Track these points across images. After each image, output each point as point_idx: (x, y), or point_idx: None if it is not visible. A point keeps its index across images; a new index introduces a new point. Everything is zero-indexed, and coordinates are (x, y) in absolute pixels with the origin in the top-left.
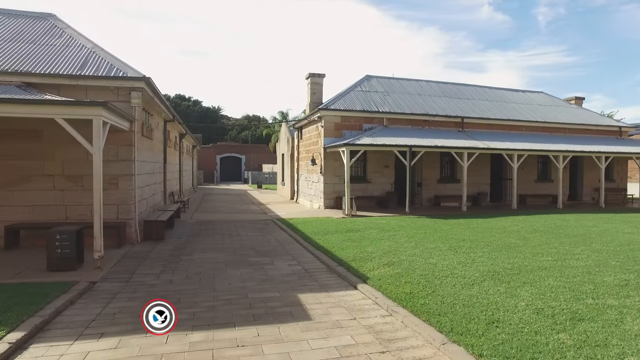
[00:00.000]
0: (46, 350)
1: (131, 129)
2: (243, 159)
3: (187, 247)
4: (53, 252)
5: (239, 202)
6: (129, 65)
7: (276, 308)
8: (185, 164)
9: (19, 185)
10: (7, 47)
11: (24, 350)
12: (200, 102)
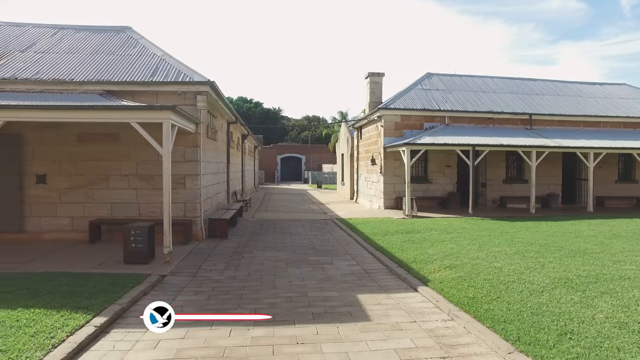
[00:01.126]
0: (124, 335)
1: (197, 131)
2: (303, 159)
3: (249, 244)
4: (128, 247)
5: (299, 202)
6: (195, 71)
7: (335, 307)
8: (247, 164)
9: (100, 184)
10: (91, 59)
11: (107, 333)
12: (261, 103)
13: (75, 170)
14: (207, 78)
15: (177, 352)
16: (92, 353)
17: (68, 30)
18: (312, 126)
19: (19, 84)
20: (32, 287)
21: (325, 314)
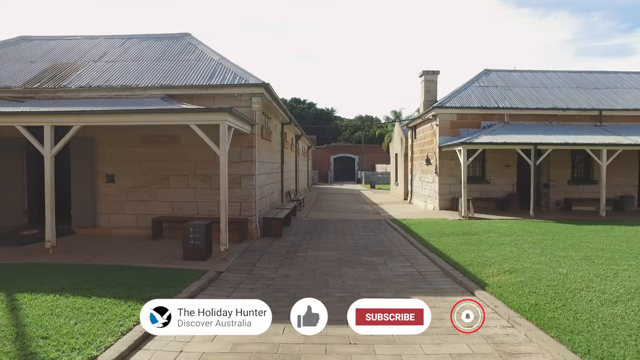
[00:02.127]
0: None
1: (252, 132)
2: (356, 159)
3: (302, 244)
4: (187, 243)
5: (353, 202)
6: (250, 73)
7: None
8: (300, 164)
9: (161, 184)
10: (155, 66)
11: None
12: (314, 104)
13: (140, 170)
14: (261, 80)
15: (233, 346)
16: (155, 342)
17: (134, 39)
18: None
19: (93, 91)
20: (103, 279)
21: None
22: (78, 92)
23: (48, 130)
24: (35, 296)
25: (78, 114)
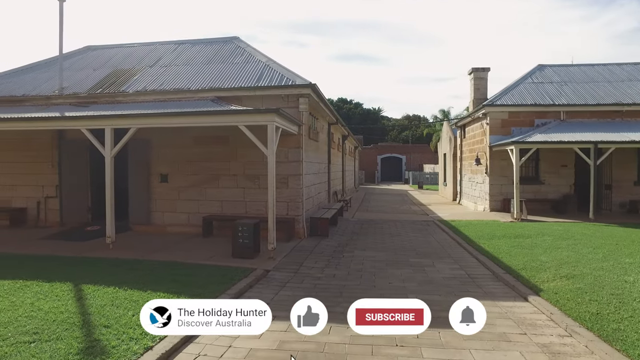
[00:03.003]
0: None
1: (299, 132)
2: (403, 159)
3: (349, 244)
4: (236, 242)
5: (400, 202)
6: (297, 74)
7: (437, 312)
8: (347, 165)
9: (211, 183)
10: (205, 69)
11: None
12: (361, 104)
13: (191, 170)
14: (308, 81)
15: (280, 343)
16: (205, 336)
17: (186, 44)
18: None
19: (148, 94)
20: (158, 274)
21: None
22: (135, 96)
23: (108, 133)
24: (98, 288)
25: (134, 116)
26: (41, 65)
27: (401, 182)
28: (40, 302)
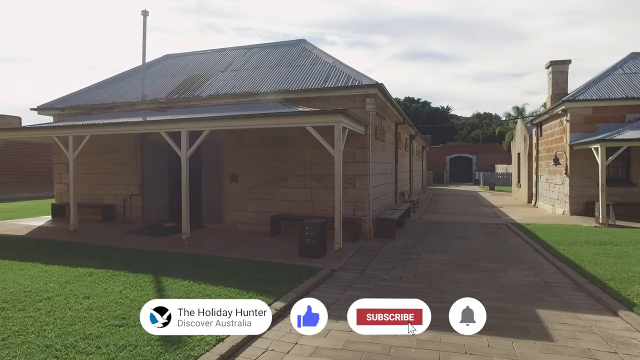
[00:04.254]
0: None
1: (366, 132)
2: (473, 159)
3: (416, 246)
4: (303, 241)
5: (469, 204)
6: (363, 74)
7: (510, 320)
8: (414, 165)
9: (279, 183)
10: (273, 72)
11: (285, 317)
12: (429, 103)
13: (260, 170)
14: (375, 81)
15: (346, 343)
16: (272, 332)
17: (255, 49)
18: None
19: (220, 98)
20: (228, 270)
21: (498, 325)
22: (208, 100)
23: (184, 135)
24: (175, 280)
25: (207, 119)
26: (127, 74)
27: (471, 183)
28: (127, 290)
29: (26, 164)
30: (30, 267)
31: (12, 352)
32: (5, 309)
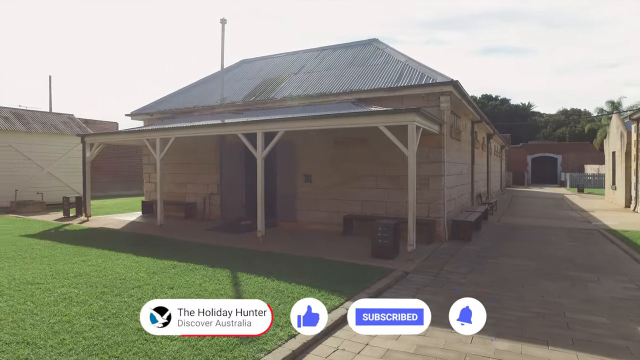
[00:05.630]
0: None
1: (440, 131)
2: (559, 159)
3: (493, 250)
4: (376, 242)
5: (554, 207)
6: (438, 72)
7: (603, 337)
8: (493, 165)
9: (352, 184)
10: (345, 72)
11: None
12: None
13: (332, 171)
14: (449, 78)
15: (417, 348)
16: (344, 332)
17: (327, 50)
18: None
19: (294, 100)
20: (301, 268)
21: (589, 342)
22: (282, 102)
23: (259, 136)
24: (250, 276)
25: (281, 121)
26: (207, 80)
27: (556, 184)
28: (206, 283)
29: (121, 164)
30: (124, 258)
31: (111, 331)
32: (106, 293)
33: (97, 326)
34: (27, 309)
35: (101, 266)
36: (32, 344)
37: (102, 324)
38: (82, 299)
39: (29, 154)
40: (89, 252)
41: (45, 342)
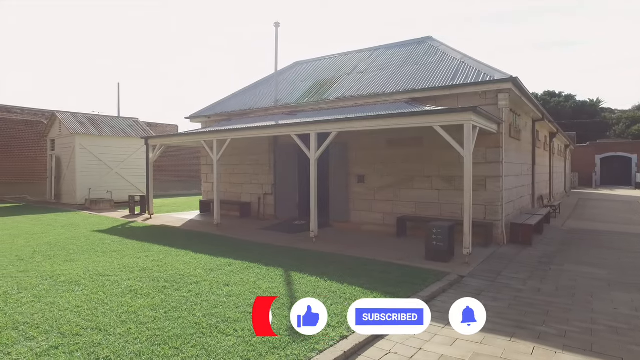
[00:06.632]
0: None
1: (498, 130)
2: (633, 159)
3: (557, 256)
4: (430, 244)
5: (627, 211)
6: (495, 69)
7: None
8: (556, 166)
9: (406, 185)
10: (399, 72)
11: None
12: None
13: (386, 171)
14: (508, 74)
15: (474, 355)
16: (396, 336)
17: (380, 50)
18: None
19: (347, 100)
20: (354, 269)
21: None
22: (335, 103)
23: (313, 137)
24: (303, 276)
25: (334, 121)
26: (261, 82)
27: (630, 186)
28: (260, 282)
29: (181, 165)
30: (184, 255)
31: (171, 324)
32: (167, 287)
33: (159, 318)
34: (99, 298)
35: (162, 262)
36: (103, 331)
37: (163, 316)
38: (146, 292)
39: (100, 156)
40: (152, 248)
41: (114, 329)
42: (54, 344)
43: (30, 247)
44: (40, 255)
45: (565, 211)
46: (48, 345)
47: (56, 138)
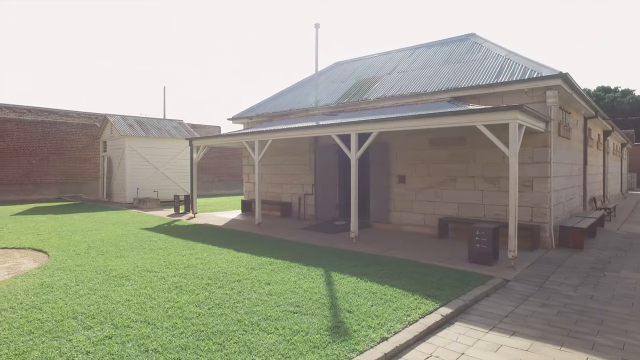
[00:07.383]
0: (466, 330)
1: (546, 129)
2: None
3: (612, 261)
4: (473, 246)
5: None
6: (543, 65)
7: None
8: (611, 166)
9: (448, 185)
10: (440, 70)
11: (451, 325)
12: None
13: (427, 172)
14: (557, 70)
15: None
16: (438, 338)
17: (421, 48)
18: None
19: (387, 100)
20: (394, 270)
21: None
22: (375, 103)
23: (353, 137)
24: (343, 276)
25: (375, 122)
26: (301, 83)
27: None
28: (300, 281)
29: (223, 165)
30: (226, 253)
31: (214, 320)
32: (210, 284)
33: (203, 314)
34: (147, 293)
35: (206, 259)
36: (151, 324)
37: (207, 312)
38: (190, 288)
39: (147, 157)
40: (196, 246)
41: (161, 323)
42: (108, 334)
43: (86, 242)
44: (94, 250)
45: (622, 214)
46: (103, 335)
47: (108, 140)
